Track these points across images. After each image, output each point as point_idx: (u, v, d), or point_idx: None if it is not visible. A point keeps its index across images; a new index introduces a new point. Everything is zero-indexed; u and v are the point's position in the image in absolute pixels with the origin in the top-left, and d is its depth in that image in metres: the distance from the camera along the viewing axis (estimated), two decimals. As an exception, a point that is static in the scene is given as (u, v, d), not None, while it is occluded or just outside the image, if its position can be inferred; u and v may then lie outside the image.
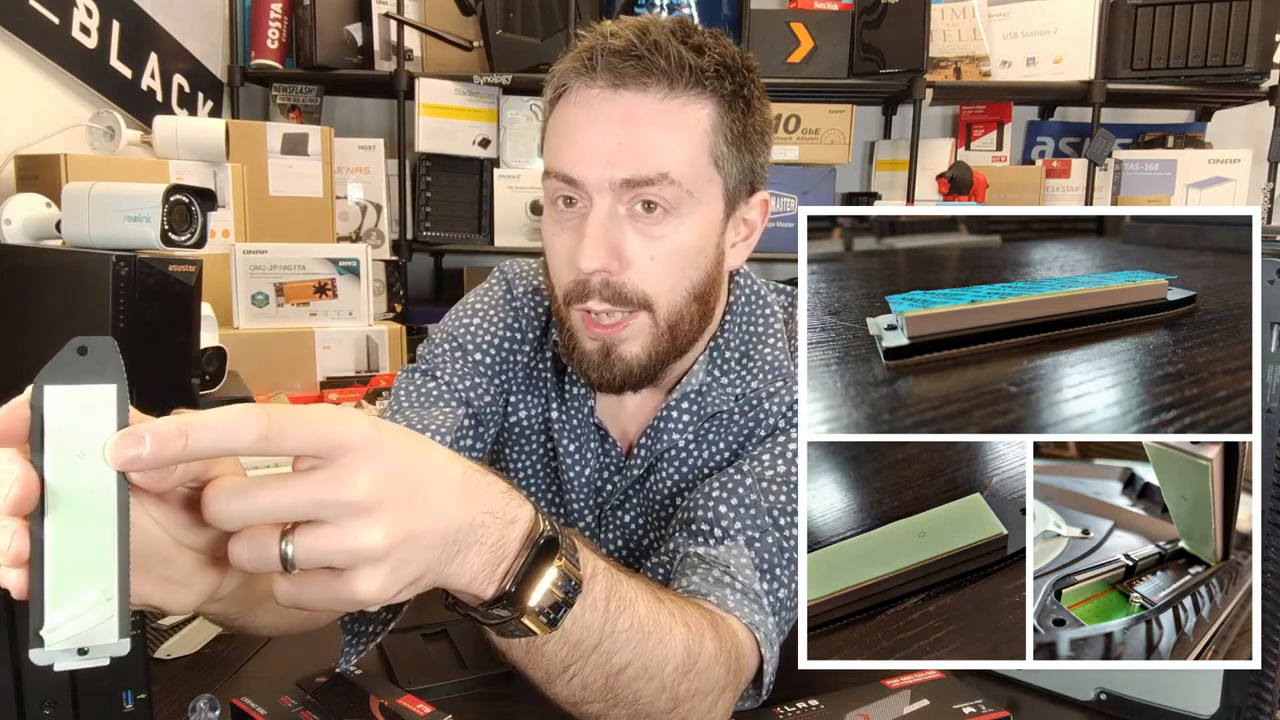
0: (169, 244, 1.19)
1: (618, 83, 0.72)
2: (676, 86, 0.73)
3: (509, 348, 0.89)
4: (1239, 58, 2.19)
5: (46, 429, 0.37)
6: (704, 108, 0.74)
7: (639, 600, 0.59)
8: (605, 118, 0.72)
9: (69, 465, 0.37)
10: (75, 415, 0.38)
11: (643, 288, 0.75)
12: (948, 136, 2.62)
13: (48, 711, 0.58)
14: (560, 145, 0.75)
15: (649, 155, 0.72)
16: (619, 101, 0.72)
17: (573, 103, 0.74)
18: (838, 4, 2.40)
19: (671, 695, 0.61)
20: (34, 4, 1.59)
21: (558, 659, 0.55)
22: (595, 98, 0.73)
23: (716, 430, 0.85)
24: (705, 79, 0.73)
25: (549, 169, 0.76)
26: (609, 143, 0.72)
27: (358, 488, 0.41)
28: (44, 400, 0.38)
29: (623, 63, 0.72)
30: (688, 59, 0.72)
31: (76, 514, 0.37)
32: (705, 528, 0.74)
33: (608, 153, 0.72)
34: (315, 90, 2.44)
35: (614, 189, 0.73)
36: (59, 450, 0.37)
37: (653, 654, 0.59)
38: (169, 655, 0.80)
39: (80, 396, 0.38)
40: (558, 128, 0.76)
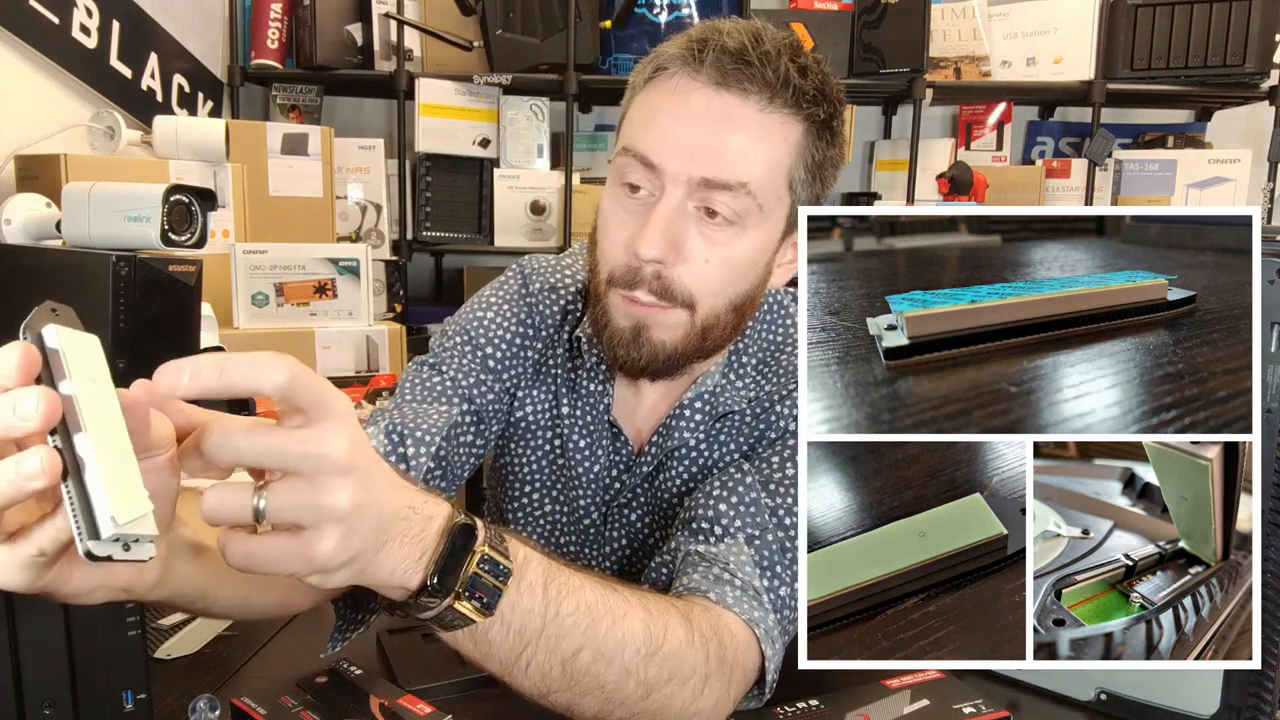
0: (169, 244, 1.19)
1: (721, 81, 0.72)
2: (776, 101, 0.73)
3: (520, 343, 0.89)
4: (1239, 58, 2.19)
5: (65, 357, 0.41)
6: (796, 129, 0.74)
7: (585, 587, 0.60)
8: (701, 112, 0.72)
9: (88, 388, 0.41)
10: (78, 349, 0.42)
11: (691, 288, 0.75)
12: (948, 136, 2.61)
13: (48, 711, 0.58)
14: (646, 126, 0.74)
15: (734, 161, 0.72)
16: (718, 100, 0.72)
17: (670, 88, 0.74)
18: (838, 4, 2.40)
19: (640, 680, 0.61)
20: (34, 4, 1.59)
21: (506, 648, 0.56)
22: (695, 89, 0.73)
23: (728, 431, 0.85)
24: (804, 100, 0.74)
25: (628, 146, 0.75)
26: (698, 138, 0.72)
27: (340, 448, 0.44)
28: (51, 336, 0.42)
29: (733, 63, 0.72)
30: (793, 77, 0.72)
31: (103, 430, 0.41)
32: (705, 526, 0.75)
33: (693, 147, 0.72)
34: (315, 90, 2.44)
35: (690, 185, 0.73)
36: (80, 374, 0.41)
37: (606, 638, 0.59)
38: (169, 655, 0.80)
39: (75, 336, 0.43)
40: (647, 108, 0.75)
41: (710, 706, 0.66)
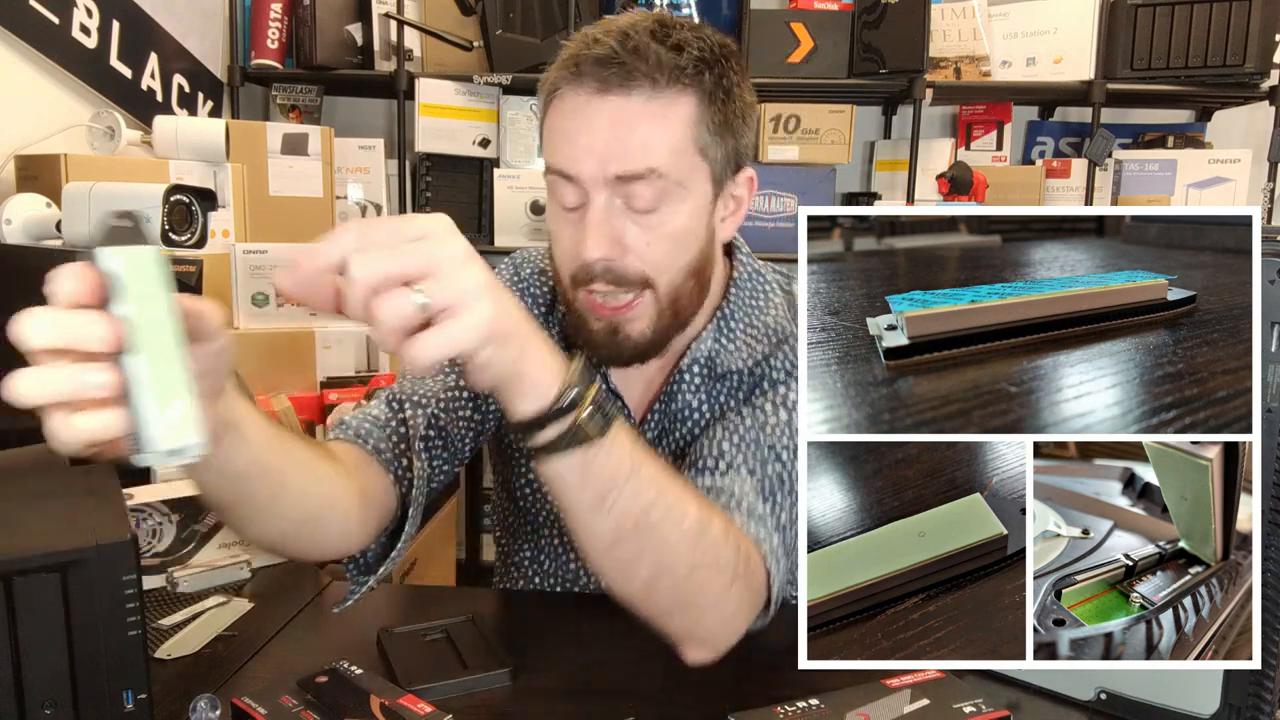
0: (169, 244, 1.19)
1: (603, 88, 0.78)
2: (659, 86, 0.78)
3: None
4: (1239, 58, 2.19)
5: (125, 282, 0.47)
6: (686, 103, 0.79)
7: (656, 458, 0.67)
8: (595, 120, 0.78)
9: (143, 307, 0.47)
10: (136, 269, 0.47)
11: (643, 269, 0.81)
12: (948, 136, 2.61)
13: (48, 711, 0.58)
14: (557, 145, 0.81)
15: (637, 152, 0.78)
16: (606, 105, 0.78)
17: (566, 109, 0.80)
18: (838, 4, 2.40)
19: (690, 555, 0.67)
20: (34, 4, 1.59)
21: (601, 481, 0.63)
22: (584, 103, 0.78)
23: (727, 390, 0.91)
24: (685, 76, 0.78)
25: (549, 166, 0.82)
26: (600, 142, 0.78)
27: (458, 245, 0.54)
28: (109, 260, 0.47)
29: (606, 70, 0.77)
30: (667, 60, 0.77)
31: (155, 346, 0.47)
32: (711, 463, 0.82)
33: (599, 151, 0.78)
34: (315, 90, 2.43)
35: (608, 184, 0.78)
36: (134, 295, 0.47)
37: (674, 504, 0.67)
38: (169, 655, 0.80)
39: (133, 255, 0.48)
40: (553, 130, 0.82)
41: (734, 606, 0.72)
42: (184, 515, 0.98)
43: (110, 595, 0.59)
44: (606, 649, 0.82)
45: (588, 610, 0.92)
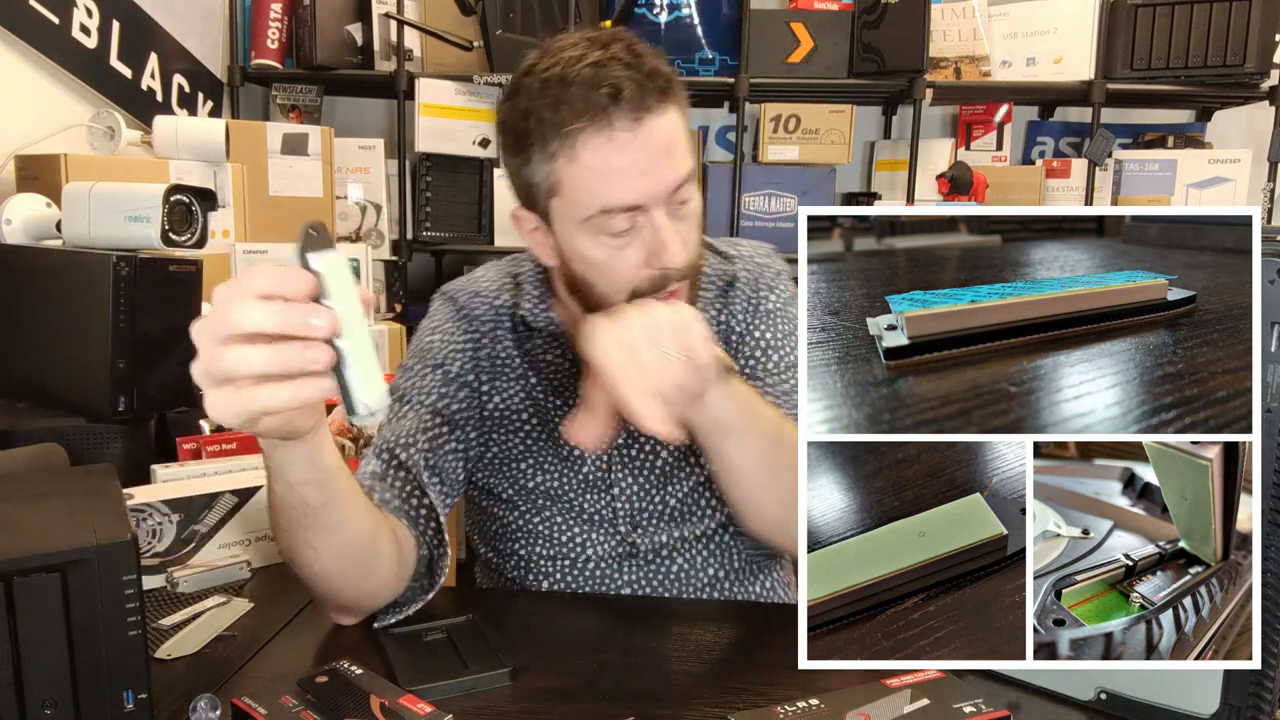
0: (169, 244, 1.19)
1: (638, 116, 0.81)
2: (668, 97, 0.84)
3: (472, 348, 0.99)
4: (1239, 58, 2.19)
5: (328, 280, 0.58)
6: (679, 103, 0.86)
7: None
8: (646, 146, 0.82)
9: (343, 301, 0.59)
10: (333, 269, 0.59)
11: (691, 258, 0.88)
12: (948, 136, 2.61)
13: (48, 711, 0.58)
14: (613, 185, 0.83)
15: (680, 161, 0.85)
16: (645, 130, 0.82)
17: (602, 148, 0.82)
18: (838, 4, 2.40)
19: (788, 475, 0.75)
20: (34, 4, 1.59)
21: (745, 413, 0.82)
22: (627, 136, 0.81)
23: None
24: (675, 82, 0.85)
25: (609, 208, 0.83)
26: (654, 165, 0.83)
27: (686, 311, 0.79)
28: (314, 261, 0.58)
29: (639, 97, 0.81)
30: (666, 71, 0.84)
31: (354, 331, 0.59)
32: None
33: (656, 173, 0.83)
34: (315, 90, 2.43)
35: (667, 198, 0.84)
36: (338, 292, 0.58)
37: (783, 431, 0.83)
38: (169, 655, 0.80)
39: (329, 258, 0.59)
40: (593, 170, 0.83)
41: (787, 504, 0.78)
42: (184, 515, 0.98)
43: (110, 595, 0.59)
44: (606, 649, 0.82)
45: (588, 610, 0.92)
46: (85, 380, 1.13)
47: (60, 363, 1.17)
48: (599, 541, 0.99)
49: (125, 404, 1.12)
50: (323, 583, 0.80)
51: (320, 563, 0.77)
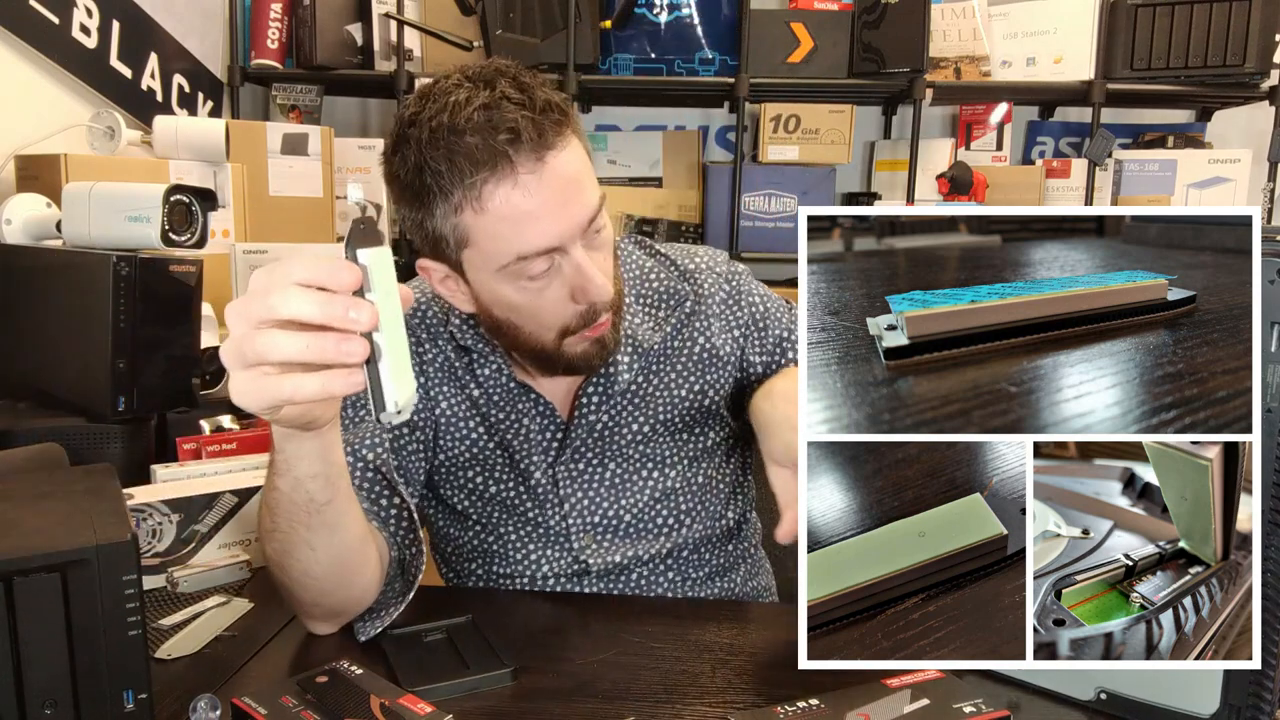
0: (169, 244, 1.19)
1: (540, 154, 0.78)
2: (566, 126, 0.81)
3: (419, 351, 0.98)
4: (1239, 58, 2.19)
5: (372, 276, 0.58)
6: (575, 129, 0.83)
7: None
8: (552, 185, 0.79)
9: (384, 296, 0.58)
10: (379, 264, 0.59)
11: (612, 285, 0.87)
12: (948, 136, 2.61)
13: (48, 711, 0.58)
14: (525, 231, 0.80)
15: (589, 194, 0.83)
16: (549, 166, 0.79)
17: (511, 194, 0.78)
18: (838, 4, 2.40)
19: None
20: (34, 4, 1.59)
21: None
22: (532, 178, 0.78)
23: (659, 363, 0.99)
24: (568, 111, 0.82)
25: (525, 254, 0.80)
26: (562, 202, 0.80)
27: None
28: (363, 256, 0.58)
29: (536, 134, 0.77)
30: (558, 99, 0.81)
31: (392, 327, 0.59)
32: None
33: (566, 210, 0.80)
34: (315, 90, 2.43)
35: (583, 232, 0.82)
36: (381, 288, 0.58)
37: None
38: (169, 655, 0.80)
39: (376, 253, 0.59)
40: (509, 218, 0.79)
41: None
42: (184, 515, 0.98)
43: (110, 595, 0.59)
44: (606, 649, 0.82)
45: (588, 610, 0.92)
46: (85, 380, 1.13)
47: (60, 363, 1.17)
48: (553, 559, 0.98)
49: (125, 404, 1.12)
50: (314, 584, 0.79)
51: (317, 562, 0.77)
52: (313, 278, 0.57)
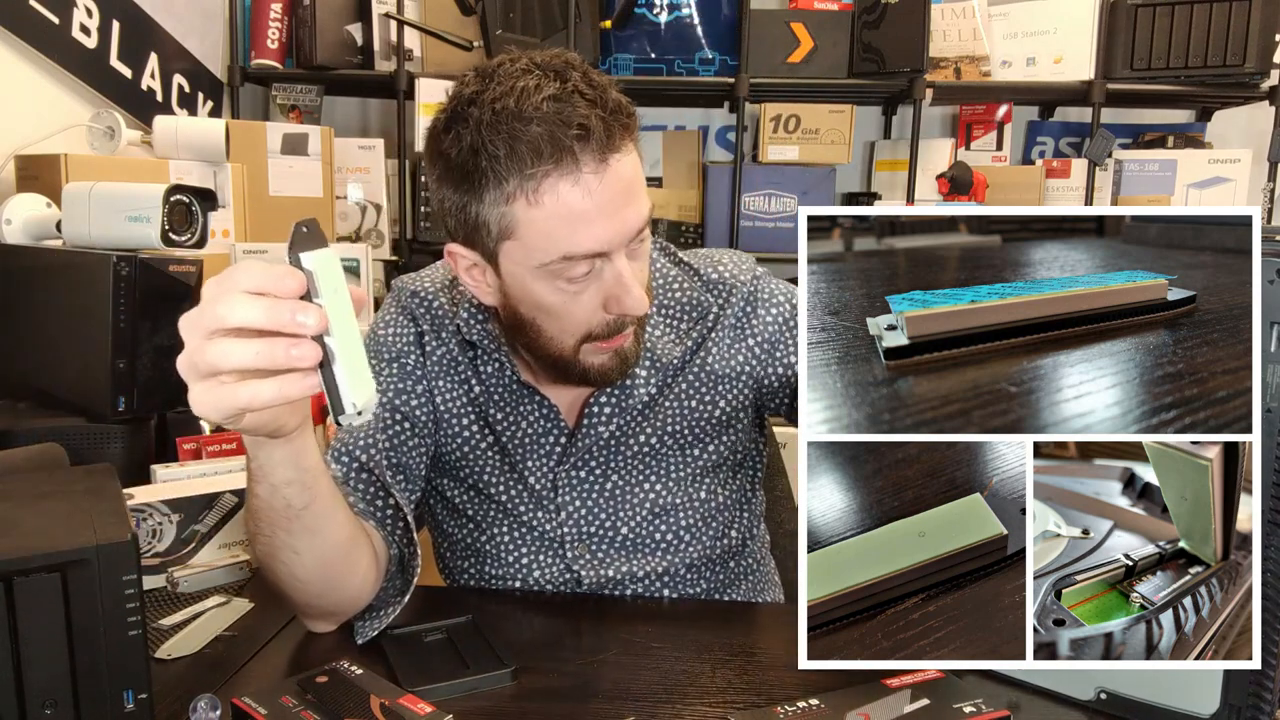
0: (169, 244, 1.19)
1: (603, 156, 0.76)
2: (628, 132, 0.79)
3: (422, 343, 0.97)
4: (1239, 58, 2.19)
5: (319, 279, 0.58)
6: (637, 137, 0.82)
7: None
8: (611, 189, 0.77)
9: (333, 299, 0.58)
10: (324, 267, 0.58)
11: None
12: (948, 136, 2.61)
13: (48, 711, 0.58)
14: (578, 232, 0.78)
15: (643, 202, 0.81)
16: (611, 171, 0.77)
17: (569, 192, 0.76)
18: (838, 4, 2.40)
19: None
20: (34, 4, 1.59)
21: None
22: (593, 179, 0.76)
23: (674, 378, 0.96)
24: (634, 116, 0.80)
25: (572, 255, 0.78)
26: (618, 208, 0.78)
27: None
28: (306, 260, 0.58)
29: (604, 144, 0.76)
30: (627, 105, 0.79)
31: (344, 329, 0.58)
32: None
33: (620, 216, 0.79)
34: (315, 90, 2.43)
35: (630, 241, 0.81)
36: (329, 291, 0.58)
37: None
38: (169, 655, 0.80)
39: (321, 256, 0.58)
40: (562, 217, 0.77)
41: None
42: (184, 515, 0.98)
43: (110, 595, 0.59)
44: (606, 649, 0.82)
45: (588, 610, 0.92)
46: (85, 380, 1.13)
47: (60, 363, 1.17)
48: (546, 565, 0.97)
49: (125, 404, 1.12)
50: (303, 587, 0.79)
51: (303, 565, 0.76)
52: (258, 285, 0.57)
